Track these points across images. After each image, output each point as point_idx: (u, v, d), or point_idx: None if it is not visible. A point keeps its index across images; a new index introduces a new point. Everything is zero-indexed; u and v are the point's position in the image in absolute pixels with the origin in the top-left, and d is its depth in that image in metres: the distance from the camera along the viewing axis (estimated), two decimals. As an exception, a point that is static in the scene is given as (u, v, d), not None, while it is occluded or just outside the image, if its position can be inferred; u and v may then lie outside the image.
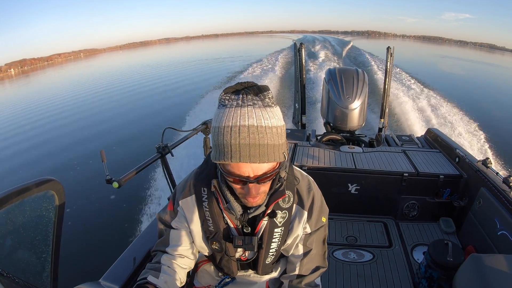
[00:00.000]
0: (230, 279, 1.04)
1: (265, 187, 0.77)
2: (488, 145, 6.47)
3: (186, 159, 5.39)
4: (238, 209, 0.84)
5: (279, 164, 0.75)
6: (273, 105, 0.70)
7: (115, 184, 1.34)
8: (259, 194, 0.77)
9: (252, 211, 0.84)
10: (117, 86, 18.52)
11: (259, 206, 0.83)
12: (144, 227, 1.55)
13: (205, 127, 2.05)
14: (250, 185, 0.72)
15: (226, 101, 0.68)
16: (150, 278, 0.86)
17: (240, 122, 0.65)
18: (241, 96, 0.67)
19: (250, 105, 0.67)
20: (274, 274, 1.04)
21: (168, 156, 1.74)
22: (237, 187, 0.75)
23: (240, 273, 1.03)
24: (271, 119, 0.68)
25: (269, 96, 0.70)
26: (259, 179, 0.72)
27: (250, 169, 0.70)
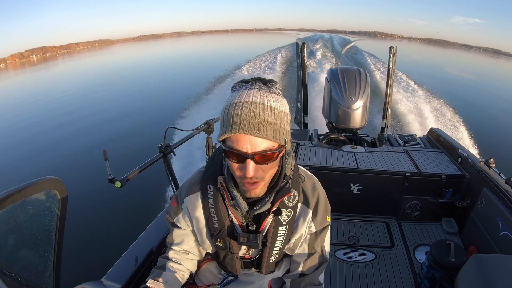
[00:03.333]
0: (233, 277, 1.04)
1: (263, 172, 0.75)
2: (488, 146, 6.43)
3: (188, 159, 5.39)
4: (244, 205, 0.83)
5: (279, 147, 0.74)
6: (279, 94, 0.75)
7: (118, 184, 1.35)
8: (257, 180, 0.75)
9: (258, 208, 0.83)
10: (121, 82, 18.50)
11: (265, 203, 0.83)
12: (146, 226, 1.55)
13: (207, 126, 2.04)
14: (247, 161, 0.71)
15: (237, 87, 0.75)
16: (150, 283, 0.87)
17: (245, 99, 0.70)
18: (250, 83, 0.74)
19: (257, 88, 0.73)
20: (277, 273, 1.04)
21: (171, 155, 1.75)
22: (235, 165, 0.74)
23: (243, 272, 1.03)
24: (275, 102, 0.72)
25: (277, 86, 0.75)
26: (256, 156, 0.71)
27: (248, 143, 0.70)
